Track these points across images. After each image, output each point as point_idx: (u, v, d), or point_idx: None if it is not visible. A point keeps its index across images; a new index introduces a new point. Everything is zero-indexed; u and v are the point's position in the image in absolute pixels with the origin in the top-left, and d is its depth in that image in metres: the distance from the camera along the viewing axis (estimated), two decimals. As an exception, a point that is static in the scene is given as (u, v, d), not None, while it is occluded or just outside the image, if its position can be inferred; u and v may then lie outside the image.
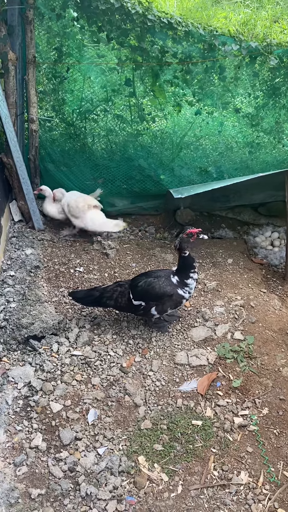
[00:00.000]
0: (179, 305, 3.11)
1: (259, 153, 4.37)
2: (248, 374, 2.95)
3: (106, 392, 2.82)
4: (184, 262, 3.06)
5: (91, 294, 3.17)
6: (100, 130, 4.38)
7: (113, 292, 3.12)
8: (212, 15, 9.41)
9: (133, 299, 3.06)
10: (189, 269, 3.05)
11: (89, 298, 3.17)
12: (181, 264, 3.08)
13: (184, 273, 3.05)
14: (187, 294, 3.07)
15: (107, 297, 3.12)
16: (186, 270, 3.05)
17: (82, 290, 3.34)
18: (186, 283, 3.05)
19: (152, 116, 4.26)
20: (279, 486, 2.37)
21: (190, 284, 3.06)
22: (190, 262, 3.06)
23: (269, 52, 3.71)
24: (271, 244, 4.52)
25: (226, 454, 2.52)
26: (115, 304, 3.12)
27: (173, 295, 3.03)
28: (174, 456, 2.50)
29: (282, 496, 2.33)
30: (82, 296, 3.21)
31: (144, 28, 3.55)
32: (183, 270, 3.07)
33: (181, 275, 3.07)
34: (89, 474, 2.39)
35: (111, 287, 3.17)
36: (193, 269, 3.06)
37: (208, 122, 4.30)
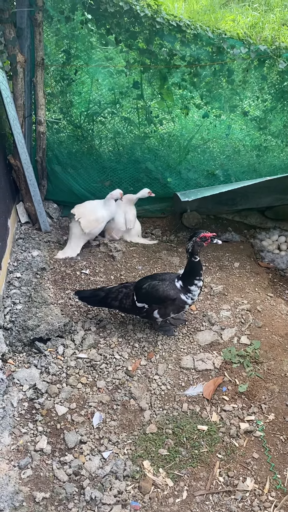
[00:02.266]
0: (181, 310, 3.09)
1: (267, 157, 4.35)
2: (254, 379, 2.93)
3: (111, 395, 2.81)
4: (192, 267, 3.00)
5: (96, 294, 3.17)
6: (108, 133, 4.38)
7: (118, 293, 3.12)
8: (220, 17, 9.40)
9: (137, 301, 3.05)
10: (195, 275, 3.00)
11: (95, 298, 3.18)
12: (188, 269, 3.04)
13: (189, 279, 3.01)
14: (189, 300, 3.04)
15: (112, 298, 3.12)
16: (192, 277, 3.00)
17: (88, 290, 3.35)
18: (189, 289, 3.01)
19: (160, 119, 4.25)
20: (285, 493, 2.34)
21: (194, 291, 3.02)
22: (198, 268, 3.00)
23: (278, 55, 3.69)
24: (278, 248, 4.50)
25: (231, 460, 2.50)
26: (120, 305, 3.12)
27: (176, 300, 3.01)
28: (179, 461, 2.48)
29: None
30: (87, 295, 3.22)
31: (152, 31, 3.55)
32: (189, 275, 3.02)
33: (185, 281, 3.02)
34: (93, 478, 2.38)
35: (116, 288, 3.17)
36: (199, 276, 3.00)
37: (215, 125, 4.29)
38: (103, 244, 4.12)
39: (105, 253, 4.04)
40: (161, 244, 4.37)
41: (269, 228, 4.69)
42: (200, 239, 2.91)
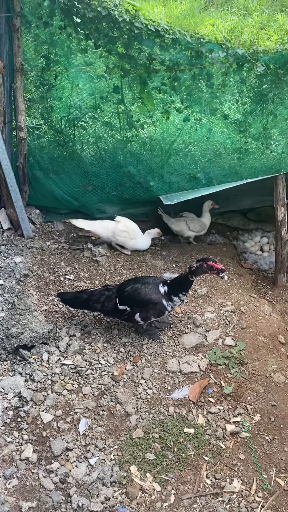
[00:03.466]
0: (161, 314, 3.09)
1: (248, 159, 4.40)
2: (239, 380, 2.95)
3: (97, 401, 2.79)
4: (183, 283, 3.01)
5: (79, 297, 3.17)
6: (89, 137, 4.38)
7: (100, 295, 3.12)
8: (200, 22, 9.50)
9: (119, 304, 3.05)
10: (182, 290, 3.02)
11: (77, 300, 3.17)
12: (178, 282, 3.04)
13: (176, 290, 3.02)
14: (169, 307, 3.06)
15: (94, 300, 3.11)
16: (179, 290, 3.02)
17: (71, 292, 3.34)
18: (172, 298, 3.03)
19: (141, 123, 4.27)
20: (272, 494, 2.36)
21: (175, 301, 3.05)
22: (188, 286, 3.01)
23: (256, 59, 3.74)
24: (260, 249, 4.55)
25: (218, 462, 2.50)
26: (102, 307, 3.12)
27: (158, 304, 3.01)
28: (167, 465, 2.48)
29: (275, 503, 2.32)
30: (70, 297, 3.21)
31: (131, 35, 3.56)
32: (177, 288, 3.03)
33: (171, 290, 3.04)
34: (80, 486, 2.36)
35: (99, 291, 3.16)
36: (185, 292, 3.03)
37: (196, 128, 4.32)
38: (87, 249, 4.10)
39: (89, 258, 4.02)
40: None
41: (251, 229, 4.74)
42: (207, 266, 2.90)
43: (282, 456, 2.53)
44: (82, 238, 4.31)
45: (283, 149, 4.41)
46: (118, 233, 4.08)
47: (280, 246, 3.86)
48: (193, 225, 4.38)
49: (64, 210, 4.56)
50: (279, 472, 2.46)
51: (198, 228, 4.41)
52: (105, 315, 3.32)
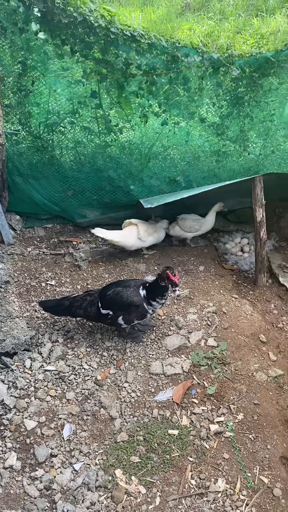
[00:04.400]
0: (144, 317, 3.10)
1: (226, 162, 4.45)
2: (222, 380, 2.98)
3: (81, 406, 2.79)
4: (157, 288, 3.03)
5: (61, 304, 3.15)
6: (68, 142, 4.38)
7: (82, 301, 3.12)
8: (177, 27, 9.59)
9: (102, 308, 3.05)
10: (158, 295, 3.04)
11: (59, 307, 3.16)
12: (153, 287, 3.06)
13: (153, 295, 3.05)
14: (150, 310, 3.09)
15: (76, 307, 3.11)
16: (155, 295, 3.04)
17: (52, 300, 3.32)
18: (151, 302, 3.06)
19: (120, 128, 4.29)
20: (256, 491, 2.38)
21: (155, 306, 3.08)
22: (163, 291, 3.03)
23: (231, 63, 3.79)
24: (241, 250, 4.60)
25: (203, 462, 2.52)
26: (85, 313, 3.11)
27: (140, 306, 3.03)
28: (151, 467, 2.48)
29: (259, 501, 2.34)
30: (52, 305, 3.20)
31: (107, 41, 3.58)
32: (154, 293, 3.05)
33: (149, 293, 3.06)
34: (65, 491, 2.35)
35: (81, 297, 3.16)
36: (161, 297, 3.05)
37: (175, 132, 4.35)
38: (68, 254, 4.09)
39: (71, 263, 4.02)
40: (126, 251, 4.38)
41: (231, 231, 4.79)
42: (165, 275, 2.91)
43: (265, 454, 2.56)
44: (63, 243, 4.30)
45: (261, 151, 4.47)
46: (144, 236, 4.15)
47: (259, 247, 3.91)
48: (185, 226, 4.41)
49: (44, 216, 4.55)
50: (263, 469, 2.49)
51: (191, 228, 4.42)
52: (88, 320, 3.31)
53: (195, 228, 4.43)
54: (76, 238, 4.41)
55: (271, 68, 3.90)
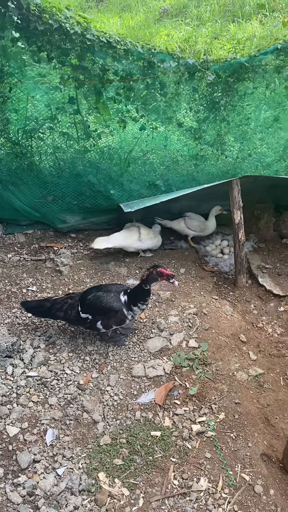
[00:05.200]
0: (122, 323, 3.12)
1: (204, 165, 4.51)
2: (204, 380, 3.01)
3: (63, 411, 2.79)
4: (140, 292, 3.06)
5: (42, 305, 3.17)
6: (47, 148, 4.38)
7: (63, 304, 3.13)
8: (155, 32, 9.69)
9: (81, 312, 3.06)
10: (140, 299, 3.07)
11: (40, 308, 3.17)
12: (136, 291, 3.09)
13: (134, 300, 3.07)
14: (129, 316, 3.11)
15: (57, 309, 3.12)
16: (137, 300, 3.07)
17: (34, 301, 3.32)
18: (132, 308, 3.08)
19: (98, 133, 4.31)
20: (238, 489, 2.42)
21: (135, 311, 3.10)
22: (145, 295, 3.07)
23: (206, 68, 3.85)
24: (221, 252, 4.66)
25: (185, 462, 2.54)
26: (65, 315, 3.12)
27: (118, 312, 3.05)
28: (135, 469, 2.50)
29: (241, 498, 2.38)
30: (33, 306, 3.21)
31: (83, 47, 3.60)
32: (135, 298, 3.08)
33: (130, 299, 3.08)
34: (48, 497, 2.35)
35: (62, 299, 3.18)
36: (143, 301, 3.08)
37: (153, 137, 4.40)
38: (49, 259, 4.09)
39: (52, 268, 4.02)
40: (108, 256, 4.40)
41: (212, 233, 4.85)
42: (156, 273, 2.96)
43: (246, 452, 2.60)
44: (44, 249, 4.30)
45: (238, 155, 4.55)
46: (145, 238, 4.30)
47: (238, 248, 3.97)
48: (191, 224, 4.59)
49: (24, 222, 4.54)
50: (244, 467, 2.53)
51: (196, 228, 4.60)
52: (68, 323, 3.33)
53: (200, 228, 4.61)
54: (57, 243, 4.41)
55: (245, 73, 3.98)
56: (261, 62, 3.98)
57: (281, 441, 2.72)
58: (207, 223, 4.66)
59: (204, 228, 4.63)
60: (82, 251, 4.40)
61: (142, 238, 4.29)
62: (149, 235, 4.35)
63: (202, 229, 4.63)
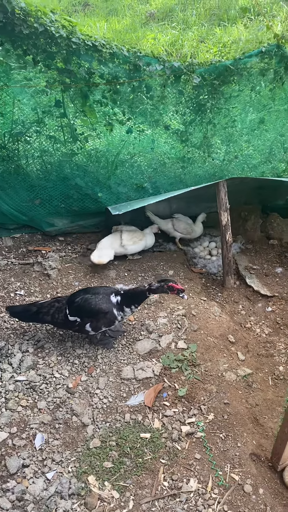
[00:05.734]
0: (112, 324, 3.13)
1: (191, 167, 4.53)
2: (193, 381, 3.02)
3: (53, 415, 2.78)
4: (138, 297, 3.10)
5: (28, 309, 3.14)
6: (34, 152, 4.37)
7: (50, 307, 3.12)
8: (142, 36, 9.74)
9: (69, 315, 3.05)
10: (135, 302, 3.11)
11: (27, 313, 3.15)
12: (133, 294, 3.11)
13: (129, 302, 3.09)
14: (119, 317, 3.12)
15: (43, 313, 3.11)
16: (132, 302, 3.10)
17: (20, 305, 3.30)
18: (124, 309, 3.10)
19: (85, 136, 4.31)
20: (227, 489, 2.43)
21: (126, 312, 3.13)
22: (142, 300, 3.12)
23: (192, 71, 3.88)
24: (209, 254, 4.69)
25: (175, 463, 2.55)
26: (52, 319, 3.11)
27: (108, 313, 3.05)
28: (124, 471, 2.50)
29: (231, 498, 2.39)
30: (19, 311, 3.18)
31: (69, 51, 3.60)
32: (131, 300, 3.10)
33: (124, 300, 3.10)
34: (38, 501, 2.33)
35: (49, 303, 3.16)
36: (138, 304, 3.12)
37: (140, 139, 4.41)
38: (37, 263, 4.08)
39: (40, 272, 4.00)
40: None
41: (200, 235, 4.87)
42: (167, 287, 3.01)
43: (235, 452, 2.61)
44: (32, 253, 4.28)
45: (224, 157, 4.58)
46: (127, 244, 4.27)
47: (226, 250, 4.00)
48: (179, 226, 4.62)
49: (12, 225, 4.52)
50: (234, 467, 2.54)
51: (183, 230, 4.62)
52: (56, 327, 3.31)
53: (187, 231, 4.63)
54: (45, 247, 4.40)
55: (230, 76, 4.02)
56: (246, 65, 4.01)
57: (270, 440, 2.74)
58: (194, 227, 4.69)
59: (191, 231, 4.65)
60: (70, 255, 4.39)
61: (124, 244, 4.25)
62: (133, 239, 4.31)
63: (189, 232, 4.65)
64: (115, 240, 4.26)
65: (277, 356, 3.45)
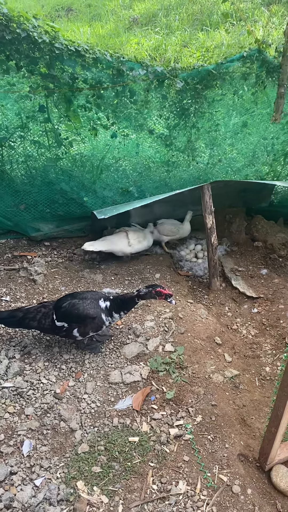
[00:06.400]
0: (100, 329, 3.13)
1: (176, 171, 4.56)
2: (180, 384, 3.03)
3: (40, 421, 2.76)
4: (128, 303, 3.11)
5: (14, 315, 3.11)
6: (19, 157, 4.35)
7: (36, 313, 3.10)
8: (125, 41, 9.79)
9: (56, 320, 3.04)
10: (124, 309, 3.12)
11: (12, 319, 3.12)
12: (122, 301, 3.12)
13: (118, 308, 3.11)
14: (107, 322, 3.13)
15: (30, 318, 3.08)
16: (121, 309, 3.11)
17: (5, 311, 3.27)
18: (112, 314, 3.11)
19: (70, 141, 4.31)
20: (216, 490, 2.44)
21: (115, 318, 3.14)
22: (131, 306, 3.14)
23: (175, 75, 3.91)
24: (195, 256, 4.72)
25: (164, 466, 2.55)
26: (38, 325, 3.09)
27: (96, 318, 3.05)
28: (113, 476, 2.49)
29: (219, 499, 2.40)
30: (4, 316, 3.15)
31: (52, 56, 3.61)
32: (121, 306, 3.11)
33: (113, 306, 3.11)
34: (26, 509, 2.32)
35: (35, 308, 3.14)
36: (127, 311, 3.14)
37: (125, 144, 4.43)
38: (22, 268, 4.06)
39: (26, 277, 3.98)
40: (83, 263, 4.40)
41: (186, 238, 4.90)
42: (155, 293, 3.04)
43: (224, 453, 2.63)
44: (18, 258, 4.26)
45: (208, 160, 4.62)
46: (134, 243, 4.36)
47: (211, 252, 4.03)
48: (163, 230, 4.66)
49: (-3, 231, 4.50)
50: (222, 468, 2.55)
51: (168, 232, 4.67)
52: (43, 332, 3.30)
53: (173, 232, 4.68)
54: (30, 252, 4.38)
55: (213, 80, 4.06)
56: (228, 69, 4.06)
57: (257, 441, 2.76)
58: (183, 226, 4.73)
59: (176, 231, 4.68)
60: (56, 259, 4.38)
61: (132, 243, 4.34)
62: (138, 239, 4.41)
63: (176, 232, 4.67)
64: (122, 240, 4.33)
65: (264, 357, 3.48)
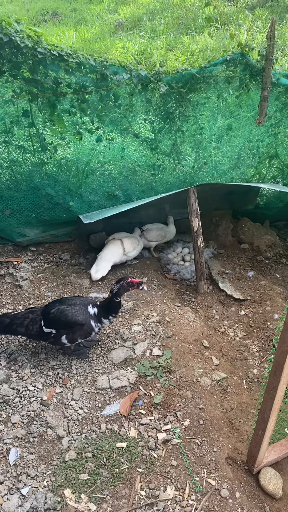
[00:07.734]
0: (88, 335, 3.11)
1: (162, 175, 4.56)
2: (168, 388, 3.02)
3: (27, 428, 2.73)
4: (111, 305, 3.09)
5: (1, 321, 3.07)
6: (3, 162, 4.32)
7: (24, 319, 3.06)
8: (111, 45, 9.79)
9: (44, 326, 3.01)
10: (111, 312, 3.11)
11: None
12: (107, 305, 3.11)
13: (106, 313, 3.10)
14: (97, 328, 3.12)
15: (17, 324, 3.05)
16: (109, 313, 3.10)
17: None
18: (102, 320, 3.10)
19: (55, 145, 4.29)
20: (204, 494, 2.43)
21: (104, 323, 3.13)
22: (117, 307, 3.11)
23: (159, 79, 3.91)
24: (182, 260, 4.72)
25: (152, 472, 2.54)
26: (26, 331, 3.06)
27: (85, 325, 3.03)
28: (101, 483, 2.47)
29: (208, 503, 2.39)
30: None
31: (35, 60, 3.59)
32: (107, 311, 3.10)
33: (101, 312, 3.10)
34: (13, 519, 2.28)
35: (22, 314, 3.10)
36: (115, 314, 3.12)
37: (110, 148, 4.42)
38: (8, 274, 4.02)
39: (11, 283, 3.94)
40: (70, 268, 4.37)
41: (172, 241, 4.91)
42: (127, 284, 3.03)
43: (212, 457, 2.62)
44: (3, 264, 4.22)
45: (194, 163, 4.63)
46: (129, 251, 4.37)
47: (198, 255, 4.03)
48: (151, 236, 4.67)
49: (-18, 237, 4.45)
50: (210, 472, 2.55)
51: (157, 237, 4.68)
52: (30, 339, 3.26)
53: (161, 236, 4.69)
54: (16, 258, 4.34)
55: (197, 84, 4.07)
56: (212, 73, 4.07)
57: (245, 444, 2.76)
58: (169, 229, 4.74)
59: (164, 235, 4.68)
60: (43, 265, 4.35)
61: (127, 251, 4.34)
62: (133, 245, 4.40)
63: (163, 236, 4.68)
64: (117, 249, 4.30)
65: (251, 359, 3.49)
